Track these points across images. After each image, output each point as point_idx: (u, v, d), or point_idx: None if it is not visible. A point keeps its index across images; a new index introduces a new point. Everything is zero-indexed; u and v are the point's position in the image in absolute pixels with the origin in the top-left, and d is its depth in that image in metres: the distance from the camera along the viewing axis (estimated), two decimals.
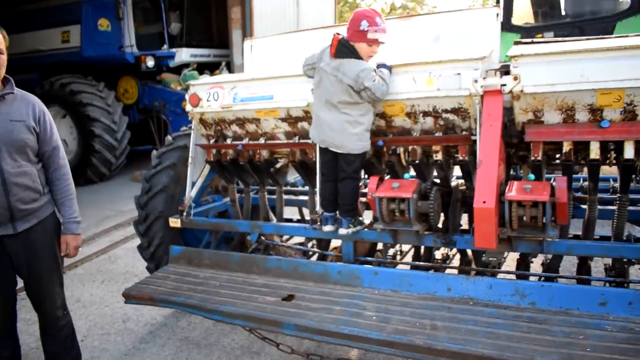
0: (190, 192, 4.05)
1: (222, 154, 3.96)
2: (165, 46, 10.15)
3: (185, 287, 3.41)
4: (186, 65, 10.48)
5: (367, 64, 3.10)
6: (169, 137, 4.43)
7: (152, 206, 4.10)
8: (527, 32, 7.27)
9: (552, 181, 2.83)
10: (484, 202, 2.65)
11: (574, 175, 4.03)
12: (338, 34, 3.20)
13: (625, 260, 3.14)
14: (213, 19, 11.62)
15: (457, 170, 3.53)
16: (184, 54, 10.38)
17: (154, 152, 4.32)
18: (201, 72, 10.35)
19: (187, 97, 3.95)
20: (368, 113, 3.16)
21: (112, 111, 9.31)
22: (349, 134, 3.14)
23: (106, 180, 9.58)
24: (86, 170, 9.21)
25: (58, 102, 9.28)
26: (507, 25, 7.50)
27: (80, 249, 3.25)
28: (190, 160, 4.04)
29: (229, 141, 3.91)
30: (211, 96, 3.80)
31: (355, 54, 3.11)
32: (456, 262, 3.90)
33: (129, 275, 5.34)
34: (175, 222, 4.02)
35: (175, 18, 10.41)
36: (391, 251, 4.15)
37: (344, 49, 3.12)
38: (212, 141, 4.00)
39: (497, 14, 3.54)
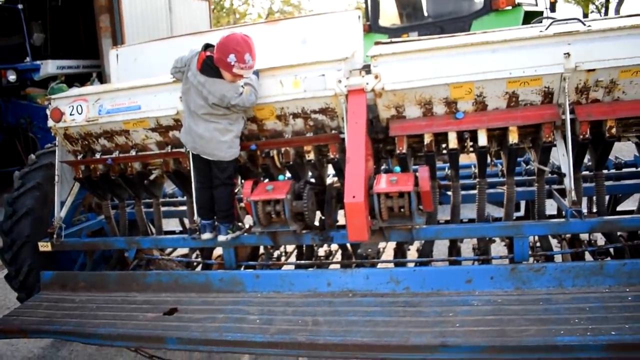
0: (60, 213, 3.82)
1: (91, 170, 3.77)
2: (27, 59, 9.49)
3: (59, 313, 3.21)
4: (53, 78, 9.87)
5: (231, 84, 3.05)
6: (32, 156, 4.14)
7: (17, 231, 3.81)
8: (394, 33, 7.65)
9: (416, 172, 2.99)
10: (354, 196, 2.75)
11: (441, 164, 4.32)
12: (205, 50, 3.13)
13: (487, 239, 3.41)
14: (81, 27, 11.04)
15: (332, 169, 3.63)
16: (49, 66, 9.77)
17: (17, 173, 4.03)
18: (70, 85, 9.78)
19: (48, 112, 3.73)
20: (238, 120, 3.17)
21: None
22: (219, 141, 3.12)
23: None
24: None
25: None
26: (375, 27, 7.86)
27: None
28: (56, 178, 3.81)
29: (97, 156, 3.73)
30: (75, 110, 3.62)
31: (219, 75, 3.06)
32: (339, 257, 4.01)
33: (0, 309, 4.92)
34: (45, 246, 3.77)
35: (38, 28, 9.77)
36: (276, 253, 4.19)
37: (209, 69, 3.07)
38: (79, 157, 3.80)
39: (359, 16, 3.68)
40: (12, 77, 9.15)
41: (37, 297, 3.54)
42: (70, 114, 3.63)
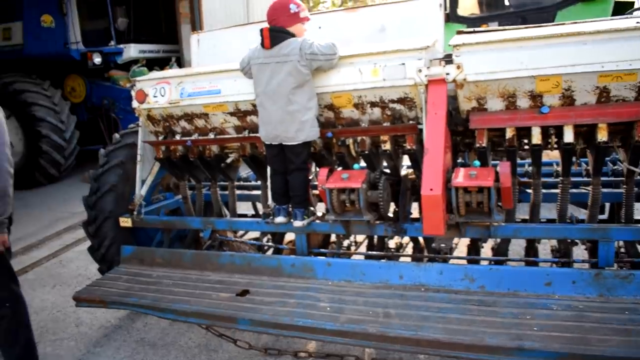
0: (140, 191, 3.98)
1: (171, 151, 3.89)
2: (112, 42, 9.88)
3: (137, 287, 3.35)
4: (135, 61, 10.23)
5: (303, 37, 3.18)
6: (116, 135, 4.33)
7: (101, 206, 4.00)
8: (473, 23, 7.41)
9: (497, 167, 2.90)
10: (431, 189, 2.69)
11: (520, 161, 4.17)
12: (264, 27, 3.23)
13: (569, 240, 3.26)
14: (161, 13, 11.37)
15: (407, 160, 3.58)
16: (132, 50, 10.12)
17: (102, 151, 4.22)
18: (151, 68, 10.11)
19: (133, 93, 3.87)
20: (313, 98, 3.19)
21: (59, 110, 9.02)
22: (300, 122, 3.14)
23: (56, 182, 9.28)
24: (34, 172, 8.90)
25: (1, 102, 8.92)
26: (453, 16, 7.64)
27: (30, 253, 3.21)
28: (138, 157, 3.97)
29: (177, 137, 3.85)
30: (158, 92, 3.74)
31: (290, 35, 3.17)
32: (410, 250, 3.96)
33: (81, 278, 5.21)
34: (125, 222, 3.94)
35: (122, 13, 10.13)
36: (346, 242, 4.19)
37: (278, 35, 3.16)
38: (160, 138, 3.93)
39: (440, 4, 3.59)
40: (97, 59, 9.55)
41: (117, 270, 3.70)
42: (154, 96, 3.75)
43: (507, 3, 8.08)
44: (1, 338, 3.12)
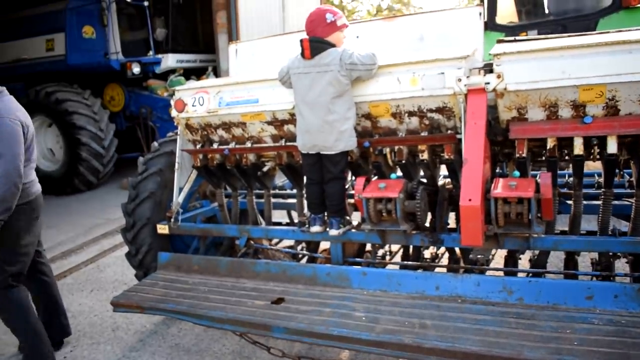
0: (178, 198, 4.04)
1: (208, 159, 3.95)
2: (151, 52, 10.11)
3: (174, 293, 3.39)
4: (172, 71, 10.45)
5: (342, 47, 3.20)
6: (155, 144, 4.41)
7: (139, 213, 4.08)
8: (512, 31, 7.33)
9: (537, 178, 2.85)
10: (470, 200, 2.66)
11: (559, 172, 4.09)
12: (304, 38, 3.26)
13: (610, 254, 3.17)
14: (199, 23, 11.59)
15: (444, 169, 3.55)
16: (170, 60, 10.35)
17: (141, 159, 4.30)
18: (188, 78, 10.32)
19: (172, 102, 3.94)
20: (352, 108, 3.19)
21: (99, 119, 9.25)
22: (339, 132, 3.16)
23: (94, 189, 9.50)
24: (73, 179, 9.12)
25: (43, 111, 9.21)
26: (491, 25, 7.57)
27: (69, 258, 3.34)
28: (176, 165, 4.04)
29: (215, 146, 3.90)
30: (196, 101, 3.80)
31: (330, 45, 3.18)
32: (445, 261, 3.91)
33: (118, 283, 5.31)
34: (163, 229, 4.00)
35: (161, 24, 10.37)
36: (380, 252, 4.16)
37: (318, 45, 3.18)
38: (198, 146, 3.99)
39: (480, 13, 3.56)
40: (136, 69, 9.76)
41: (153, 276, 3.75)
42: (192, 105, 3.81)
43: (546, 11, 7.97)
44: None
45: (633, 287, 2.65)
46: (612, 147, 2.81)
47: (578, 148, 2.87)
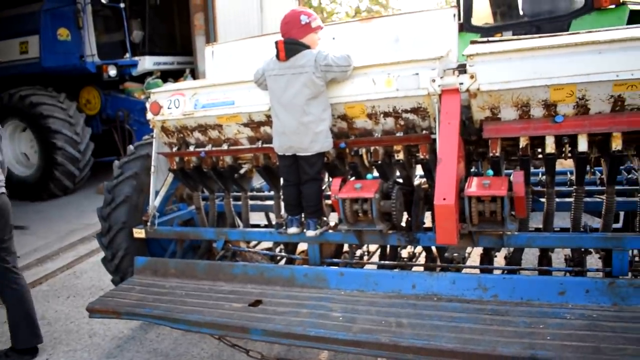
0: (154, 202, 4.01)
1: (185, 162, 3.93)
2: (127, 55, 10.00)
3: (150, 298, 3.36)
4: (149, 73, 10.35)
5: (317, 49, 3.21)
6: (130, 147, 4.37)
7: (114, 217, 4.03)
8: (487, 32, 7.42)
9: (510, 176, 2.89)
10: (444, 199, 2.69)
11: (533, 170, 4.15)
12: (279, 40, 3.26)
13: (582, 250, 3.23)
14: (176, 25, 11.50)
15: (419, 169, 3.58)
16: (147, 62, 10.24)
17: (116, 163, 4.26)
18: (165, 80, 10.24)
19: (147, 105, 3.91)
20: (327, 109, 3.21)
21: (74, 122, 9.12)
22: (315, 133, 3.17)
23: (71, 194, 9.36)
24: (49, 184, 8.97)
25: (17, 114, 9.06)
26: (467, 26, 7.67)
27: (44, 264, 3.29)
28: (152, 169, 4.01)
29: (191, 148, 3.88)
30: (172, 103, 3.77)
31: (304, 47, 3.19)
32: (422, 260, 3.94)
33: (95, 289, 5.24)
34: (139, 233, 3.97)
35: (137, 26, 10.26)
36: (358, 252, 4.18)
37: (293, 47, 3.18)
38: (174, 149, 3.97)
39: (454, 15, 3.60)
40: (112, 72, 9.66)
41: (130, 281, 3.72)
42: (168, 108, 3.78)
43: (521, 12, 8.08)
44: None
45: (604, 281, 2.71)
46: (582, 145, 2.87)
47: (550, 147, 2.92)
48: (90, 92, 10.07)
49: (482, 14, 8.16)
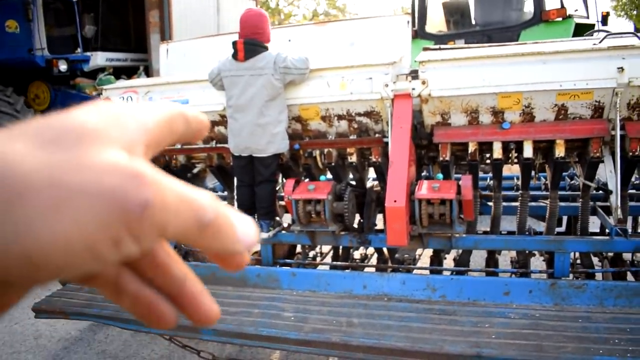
0: None
1: None
2: (79, 50, 9.73)
3: (99, 297, 3.28)
4: (102, 69, 10.10)
5: (277, 51, 3.22)
6: None
7: None
8: (440, 40, 7.59)
9: (459, 180, 2.97)
10: (395, 201, 2.75)
11: (481, 175, 4.28)
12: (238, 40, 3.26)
13: (527, 252, 3.36)
14: (130, 22, 11.27)
15: (372, 172, 3.63)
16: (99, 58, 9.99)
17: None
18: (118, 77, 10.00)
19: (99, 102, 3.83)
20: (285, 111, 3.24)
21: (21, 118, 8.80)
22: (272, 134, 3.18)
23: None
24: None
25: None
26: (421, 33, 7.82)
27: None
28: None
29: None
30: (124, 101, 3.71)
31: (264, 48, 3.21)
32: (374, 261, 4.01)
33: (41, 289, 5.09)
34: None
35: (90, 20, 9.99)
36: (312, 253, 4.21)
37: (253, 47, 3.19)
38: None
39: (408, 21, 3.68)
40: (63, 67, 9.38)
41: None
42: None
43: (473, 22, 8.31)
44: None
45: (546, 282, 2.83)
46: (528, 151, 2.99)
47: (497, 152, 3.03)
48: (39, 87, 9.76)
49: (437, 22, 8.35)
